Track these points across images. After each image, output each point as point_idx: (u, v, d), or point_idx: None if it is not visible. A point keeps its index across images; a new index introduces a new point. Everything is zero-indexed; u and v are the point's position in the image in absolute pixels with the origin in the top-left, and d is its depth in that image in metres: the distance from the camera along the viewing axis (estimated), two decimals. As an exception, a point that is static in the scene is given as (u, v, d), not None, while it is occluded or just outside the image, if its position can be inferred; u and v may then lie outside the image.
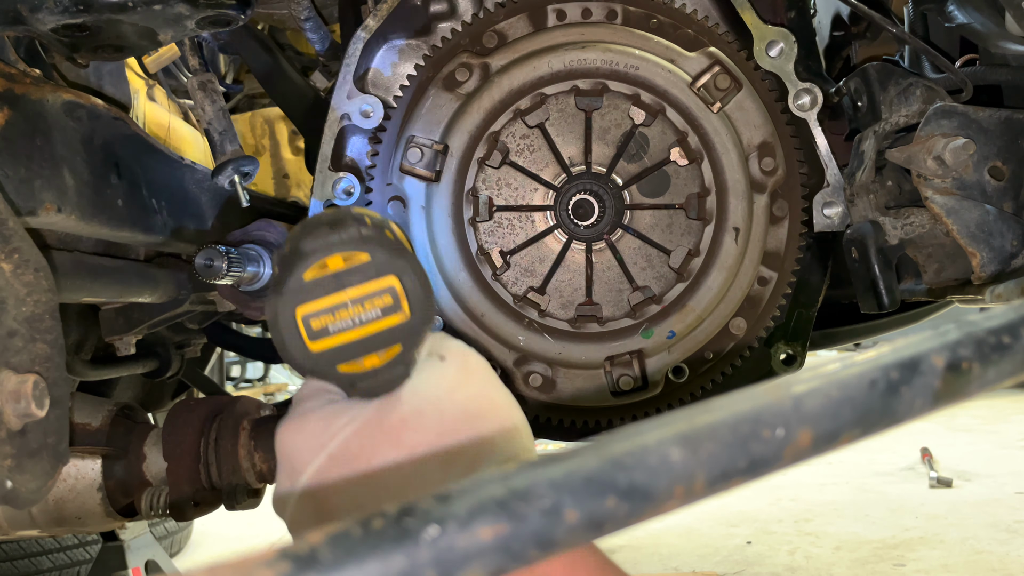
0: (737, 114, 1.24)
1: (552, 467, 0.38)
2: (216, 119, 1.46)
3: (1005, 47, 1.24)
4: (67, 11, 1.10)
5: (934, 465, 5.37)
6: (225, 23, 1.23)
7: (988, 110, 1.15)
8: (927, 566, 3.80)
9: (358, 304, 0.80)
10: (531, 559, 0.36)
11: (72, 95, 1.27)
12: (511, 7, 1.24)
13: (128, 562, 2.73)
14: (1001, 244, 1.13)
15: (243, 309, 1.72)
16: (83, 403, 1.59)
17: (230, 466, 1.59)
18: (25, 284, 0.97)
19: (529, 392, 1.26)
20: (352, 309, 0.80)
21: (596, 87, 1.24)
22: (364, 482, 0.83)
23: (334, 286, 0.80)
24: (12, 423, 0.92)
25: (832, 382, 0.44)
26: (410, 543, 0.34)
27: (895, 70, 1.27)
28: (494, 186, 1.26)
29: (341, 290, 0.79)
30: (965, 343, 0.48)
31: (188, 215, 1.62)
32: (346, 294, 0.79)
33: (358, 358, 0.81)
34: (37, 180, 1.15)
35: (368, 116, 1.27)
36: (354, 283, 0.79)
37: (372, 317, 0.80)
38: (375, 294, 0.80)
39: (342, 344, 0.80)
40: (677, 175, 1.25)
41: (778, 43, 1.23)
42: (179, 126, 2.43)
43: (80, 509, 1.51)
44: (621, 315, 1.26)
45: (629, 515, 0.38)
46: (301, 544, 0.34)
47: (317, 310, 0.80)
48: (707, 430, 0.40)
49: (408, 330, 0.81)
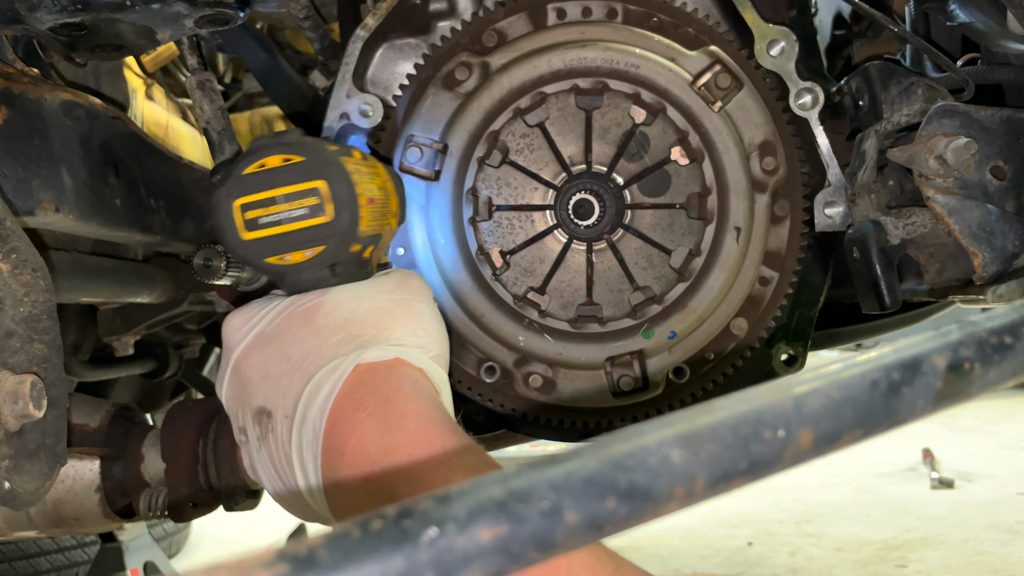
0: (738, 113, 1.24)
1: (552, 468, 0.37)
2: (215, 118, 1.45)
3: (1007, 46, 1.24)
4: (65, 10, 1.10)
5: (936, 466, 5.37)
6: (223, 22, 1.23)
7: (990, 109, 1.15)
8: (928, 567, 3.80)
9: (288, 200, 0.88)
10: (531, 560, 0.36)
11: (70, 94, 1.27)
12: (511, 6, 1.24)
13: (126, 563, 2.73)
14: (1003, 244, 1.13)
15: (242, 309, 1.72)
16: (81, 404, 1.59)
17: (229, 467, 1.58)
18: (23, 284, 0.97)
19: (529, 392, 1.26)
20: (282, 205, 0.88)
21: (596, 86, 1.24)
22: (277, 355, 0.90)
23: (267, 182, 0.88)
24: (10, 424, 0.92)
25: (833, 383, 0.44)
26: (409, 544, 0.34)
27: (896, 69, 1.26)
28: (494, 185, 1.26)
29: (273, 187, 0.88)
30: (967, 343, 0.47)
31: (186, 215, 1.62)
32: (277, 191, 0.87)
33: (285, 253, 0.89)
34: (35, 179, 1.15)
35: (367, 115, 1.27)
36: (285, 182, 0.87)
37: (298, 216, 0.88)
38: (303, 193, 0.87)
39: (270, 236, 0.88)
40: (678, 174, 1.25)
41: (779, 42, 1.22)
42: (178, 125, 2.43)
43: (78, 510, 1.51)
44: (622, 315, 1.26)
45: (629, 516, 0.38)
46: (299, 545, 0.34)
47: (251, 201, 0.88)
48: (708, 431, 0.40)
49: (330, 231, 0.88)
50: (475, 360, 1.26)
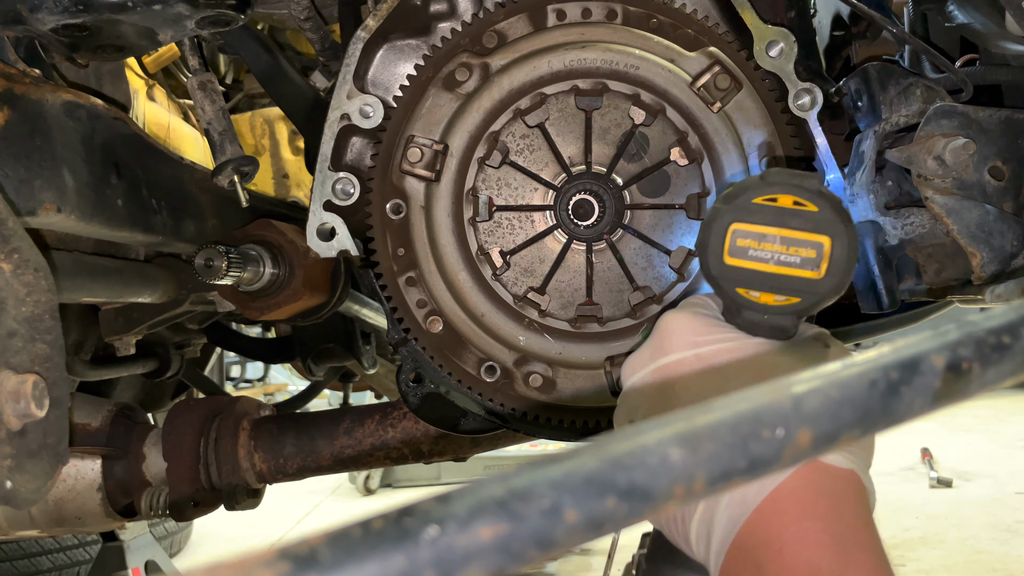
0: (737, 114, 1.24)
1: (552, 467, 0.38)
2: (216, 119, 1.46)
3: (1005, 47, 1.24)
4: (67, 11, 1.10)
5: (934, 465, 5.37)
6: (225, 23, 1.23)
7: (988, 110, 1.15)
8: (927, 566, 3.80)
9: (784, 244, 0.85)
10: (531, 559, 0.36)
11: (72, 95, 1.27)
12: (511, 7, 1.24)
13: (128, 562, 2.73)
14: (1001, 244, 1.13)
15: (243, 309, 1.72)
16: (83, 403, 1.59)
17: (230, 466, 1.59)
18: (25, 284, 0.97)
19: (529, 392, 1.26)
20: (777, 246, 0.85)
21: (596, 87, 1.24)
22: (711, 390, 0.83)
23: (773, 219, 0.85)
24: (12, 423, 0.92)
25: (832, 382, 0.44)
26: (410, 543, 0.34)
27: (895, 70, 1.27)
28: (494, 186, 1.26)
29: (777, 226, 0.85)
30: (965, 343, 0.48)
31: (188, 215, 1.62)
32: (779, 231, 0.85)
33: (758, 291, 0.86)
34: (37, 180, 1.15)
35: (368, 116, 1.27)
36: (792, 225, 0.85)
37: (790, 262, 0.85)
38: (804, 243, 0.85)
39: (752, 269, 0.86)
40: (677, 175, 1.25)
41: (778, 43, 1.23)
42: (179, 126, 2.43)
43: (80, 509, 1.51)
44: (621, 315, 1.26)
45: (629, 515, 0.38)
46: (300, 544, 0.34)
47: (748, 231, 0.86)
48: (707, 430, 0.40)
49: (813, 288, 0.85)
50: (475, 360, 1.26)
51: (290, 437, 1.59)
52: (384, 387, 3.37)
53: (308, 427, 1.59)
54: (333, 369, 2.90)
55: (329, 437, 1.58)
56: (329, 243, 1.28)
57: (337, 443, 1.57)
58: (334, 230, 1.28)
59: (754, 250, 0.85)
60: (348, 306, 2.31)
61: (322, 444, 1.58)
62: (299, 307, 1.77)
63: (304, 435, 1.58)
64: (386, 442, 1.56)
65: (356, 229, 1.27)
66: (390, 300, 1.26)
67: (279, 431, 1.60)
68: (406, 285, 1.26)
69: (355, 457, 1.57)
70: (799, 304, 0.86)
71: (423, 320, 1.26)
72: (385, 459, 1.58)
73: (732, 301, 0.88)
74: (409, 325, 1.26)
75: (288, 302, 1.70)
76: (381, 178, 1.25)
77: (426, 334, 1.26)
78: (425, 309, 1.26)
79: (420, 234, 1.26)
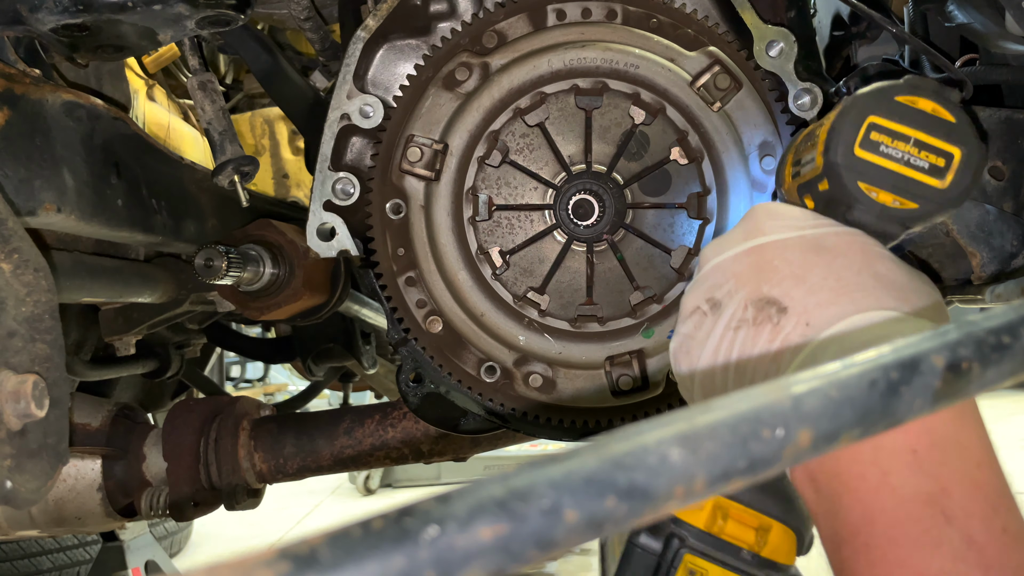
0: (737, 113, 1.24)
1: (552, 467, 0.38)
2: (216, 119, 1.46)
3: (1005, 47, 1.24)
4: (67, 11, 1.10)
5: (934, 465, 5.35)
6: (225, 23, 1.23)
7: (988, 110, 1.15)
8: (927, 566, 3.79)
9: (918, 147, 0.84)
10: (531, 559, 0.36)
11: (72, 95, 1.27)
12: (511, 7, 1.24)
13: (128, 562, 2.73)
14: (1001, 244, 1.13)
15: (243, 309, 1.72)
16: (83, 403, 1.59)
17: (230, 466, 1.59)
18: (25, 284, 0.97)
19: (529, 392, 1.26)
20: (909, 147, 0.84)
21: (596, 86, 1.24)
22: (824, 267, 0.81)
23: (912, 120, 0.84)
24: (12, 423, 0.92)
25: (832, 382, 0.44)
26: (409, 543, 0.34)
27: (895, 70, 1.27)
28: (494, 185, 1.26)
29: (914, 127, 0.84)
30: (965, 343, 0.48)
31: (188, 215, 1.62)
32: (915, 132, 0.84)
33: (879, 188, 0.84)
34: (37, 180, 1.15)
35: (368, 116, 1.27)
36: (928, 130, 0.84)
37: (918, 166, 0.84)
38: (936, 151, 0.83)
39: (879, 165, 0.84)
40: (678, 174, 1.25)
41: (778, 43, 1.23)
42: (179, 126, 2.43)
43: (80, 509, 1.51)
44: (622, 315, 1.26)
45: (629, 515, 0.38)
46: (300, 545, 0.34)
47: (884, 126, 0.84)
48: (707, 430, 0.40)
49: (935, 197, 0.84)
50: (475, 360, 1.26)
51: (290, 437, 1.59)
52: (384, 387, 3.37)
53: (308, 427, 1.59)
54: (333, 369, 2.90)
55: (329, 437, 1.58)
56: (329, 243, 1.28)
57: (337, 443, 1.57)
58: (334, 230, 1.28)
59: (886, 146, 0.84)
60: (348, 306, 2.31)
61: (322, 444, 1.58)
62: (299, 307, 1.77)
63: (304, 435, 1.58)
64: (386, 442, 1.56)
65: (356, 229, 1.27)
66: (390, 300, 1.26)
67: (279, 431, 1.60)
68: (406, 285, 1.26)
69: (355, 457, 1.57)
70: (916, 211, 0.84)
71: (423, 320, 1.26)
72: (385, 459, 1.58)
73: (849, 194, 0.85)
74: (409, 325, 1.26)
75: (288, 302, 1.70)
76: (381, 178, 1.25)
77: (426, 334, 1.26)
78: (425, 309, 1.26)
79: (420, 234, 1.26)
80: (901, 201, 0.84)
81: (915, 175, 0.83)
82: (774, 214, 0.87)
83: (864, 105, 0.84)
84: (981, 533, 0.65)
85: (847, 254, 0.82)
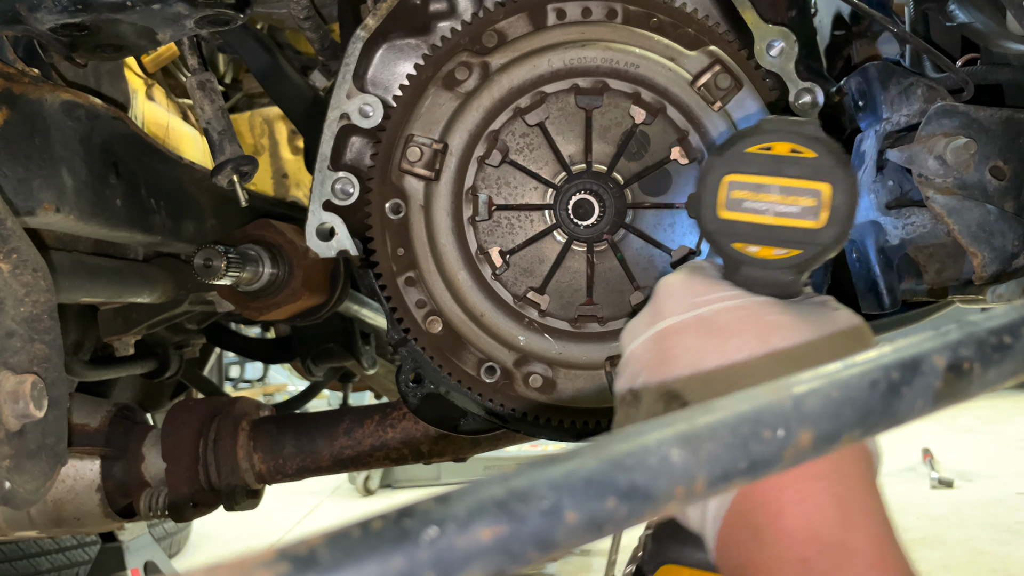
0: (738, 113, 1.24)
1: (552, 468, 0.37)
2: (215, 118, 1.45)
3: (1006, 46, 1.24)
4: (66, 10, 1.10)
5: (935, 466, 5.36)
6: (224, 23, 1.23)
7: (989, 109, 1.15)
8: (928, 567, 3.80)
9: (782, 193, 0.81)
10: (531, 560, 0.36)
11: (71, 95, 1.27)
12: (511, 6, 1.24)
13: (127, 563, 2.73)
14: (1002, 244, 1.13)
15: (242, 309, 1.72)
16: (82, 404, 1.59)
17: (229, 467, 1.58)
18: (23, 284, 0.97)
19: (529, 392, 1.26)
20: (774, 196, 0.81)
21: (596, 85, 1.24)
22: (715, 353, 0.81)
23: (769, 168, 0.81)
24: (10, 424, 0.92)
25: (833, 382, 0.44)
26: (409, 544, 0.34)
27: (896, 69, 1.27)
28: (493, 185, 1.26)
29: (774, 175, 0.81)
30: (966, 343, 0.48)
31: (187, 215, 1.62)
32: (776, 180, 0.81)
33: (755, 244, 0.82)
34: (36, 180, 1.15)
35: (367, 115, 1.27)
36: (789, 174, 0.81)
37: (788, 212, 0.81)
38: (802, 192, 0.80)
39: (748, 222, 0.82)
40: (679, 174, 1.25)
41: (779, 42, 1.22)
42: (178, 126, 2.43)
43: (79, 510, 1.51)
44: (622, 315, 1.26)
45: (629, 516, 0.38)
46: (300, 545, 0.34)
47: (743, 182, 0.82)
48: (707, 430, 0.40)
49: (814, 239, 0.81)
50: (475, 360, 1.26)
51: (289, 438, 1.59)
52: (384, 387, 3.37)
53: (307, 428, 1.59)
54: (332, 369, 2.90)
55: (328, 438, 1.58)
56: (328, 243, 1.28)
57: (336, 443, 1.57)
58: (333, 230, 1.27)
59: (750, 201, 0.82)
60: (348, 306, 2.31)
61: (321, 445, 1.58)
62: (298, 307, 1.77)
63: (303, 435, 1.58)
64: (386, 443, 1.56)
65: (355, 229, 1.27)
66: (389, 300, 1.25)
67: (278, 432, 1.60)
68: (405, 285, 1.26)
69: (355, 458, 1.57)
70: (800, 256, 0.81)
71: (423, 320, 1.25)
72: (385, 460, 1.58)
73: (730, 257, 0.84)
74: (409, 325, 1.25)
75: (287, 302, 1.70)
76: (380, 177, 1.25)
77: (426, 334, 1.25)
78: (425, 309, 1.26)
79: (419, 234, 1.26)
80: (786, 251, 0.82)
81: (786, 222, 0.81)
82: (672, 292, 0.87)
83: (719, 166, 0.83)
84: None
85: (740, 333, 0.81)
